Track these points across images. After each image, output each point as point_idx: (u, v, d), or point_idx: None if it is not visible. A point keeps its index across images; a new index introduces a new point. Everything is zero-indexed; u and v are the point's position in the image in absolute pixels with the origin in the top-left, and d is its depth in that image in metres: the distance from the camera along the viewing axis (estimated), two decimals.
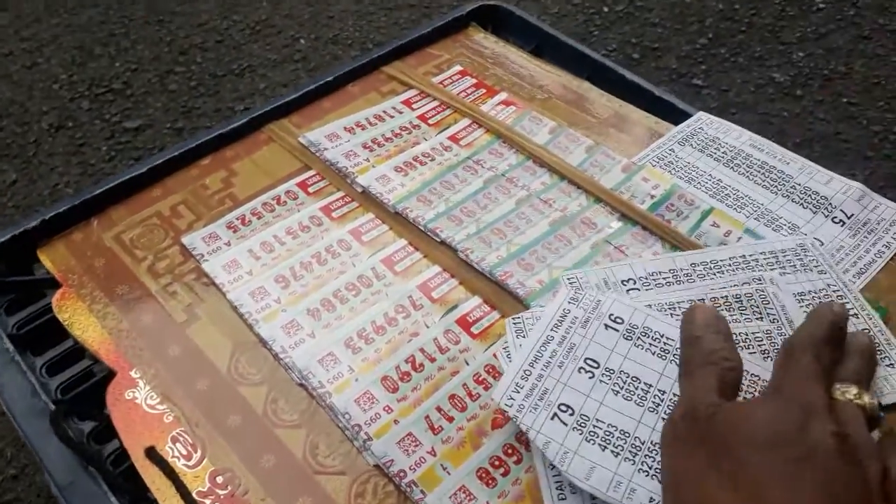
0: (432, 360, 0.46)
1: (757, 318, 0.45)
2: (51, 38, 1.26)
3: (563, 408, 0.40)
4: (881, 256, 0.50)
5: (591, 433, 0.39)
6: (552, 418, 0.40)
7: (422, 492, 0.40)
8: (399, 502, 0.41)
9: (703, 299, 0.46)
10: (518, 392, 0.41)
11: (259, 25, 1.34)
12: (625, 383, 0.41)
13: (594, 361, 0.42)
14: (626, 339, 0.43)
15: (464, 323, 0.49)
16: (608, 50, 1.25)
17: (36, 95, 1.16)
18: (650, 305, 0.45)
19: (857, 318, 0.46)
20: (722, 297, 0.46)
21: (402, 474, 0.41)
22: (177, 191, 0.59)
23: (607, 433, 0.39)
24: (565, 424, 0.40)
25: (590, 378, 0.41)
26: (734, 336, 0.39)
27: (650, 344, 0.43)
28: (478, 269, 0.51)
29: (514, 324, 0.46)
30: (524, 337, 0.44)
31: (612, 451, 0.39)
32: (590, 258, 0.51)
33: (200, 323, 0.50)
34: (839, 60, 1.23)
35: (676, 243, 0.52)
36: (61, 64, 1.22)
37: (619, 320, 0.44)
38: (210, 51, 1.29)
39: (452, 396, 0.45)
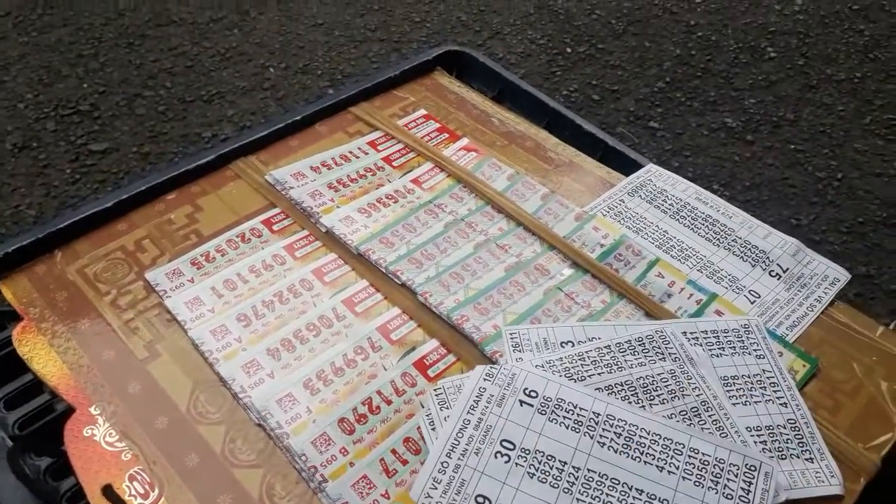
0: (389, 402, 0.48)
1: (660, 359, 0.48)
2: (18, 57, 1.25)
3: (481, 499, 0.41)
4: (813, 310, 0.54)
5: None
6: None
7: None
8: None
9: (608, 346, 0.49)
10: (435, 488, 0.42)
11: (229, 52, 1.35)
12: (540, 463, 0.43)
13: (510, 443, 0.43)
14: (540, 413, 0.45)
15: (421, 366, 0.50)
16: (570, 90, 1.29)
17: (0, 114, 1.16)
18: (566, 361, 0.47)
19: (787, 407, 0.47)
20: (626, 342, 0.49)
21: None
22: (141, 225, 0.60)
23: None
24: None
25: (506, 462, 0.43)
26: (641, 380, 0.40)
27: (564, 417, 0.44)
28: (436, 312, 0.53)
29: (437, 395, 0.47)
30: (448, 408, 0.46)
31: None
32: (542, 304, 0.54)
33: (161, 360, 0.51)
34: (788, 108, 1.29)
35: (623, 292, 0.54)
36: (27, 83, 1.21)
37: (533, 394, 0.45)
38: (179, 76, 1.30)
39: (407, 440, 0.46)
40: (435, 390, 0.47)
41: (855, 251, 1.03)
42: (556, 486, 0.42)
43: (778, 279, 0.56)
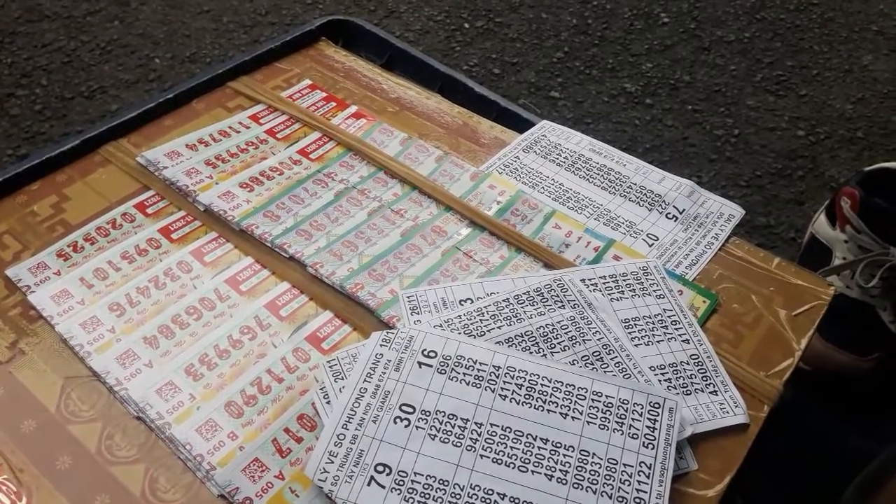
0: (280, 380, 0.45)
1: (559, 307, 0.46)
2: None
3: (380, 468, 0.39)
4: (710, 248, 0.54)
5: (410, 490, 0.38)
6: (369, 483, 0.38)
7: None
8: None
9: (507, 299, 0.47)
10: (332, 462, 0.39)
11: (110, 45, 1.28)
12: (441, 424, 0.40)
13: (409, 406, 0.41)
14: (440, 373, 0.43)
15: (314, 339, 0.47)
16: (469, 65, 1.27)
17: None
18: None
19: (689, 343, 0.47)
20: (524, 293, 0.47)
21: (247, 502, 0.39)
22: (1, 220, 0.55)
23: (426, 486, 0.38)
24: (383, 487, 0.38)
25: (405, 427, 0.40)
26: (541, 329, 0.39)
27: (464, 374, 0.42)
28: (328, 283, 0.50)
29: (331, 366, 0.44)
30: (343, 379, 0.43)
31: None
32: (440, 265, 0.52)
33: (26, 359, 0.46)
34: (684, 70, 1.31)
35: (521, 246, 0.53)
36: None
37: (432, 354, 0.43)
38: (56, 72, 1.22)
39: (301, 416, 0.43)
40: (328, 362, 0.44)
41: (755, 203, 1.06)
42: (458, 444, 0.40)
43: (675, 221, 0.55)
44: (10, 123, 1.12)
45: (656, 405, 0.41)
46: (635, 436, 0.40)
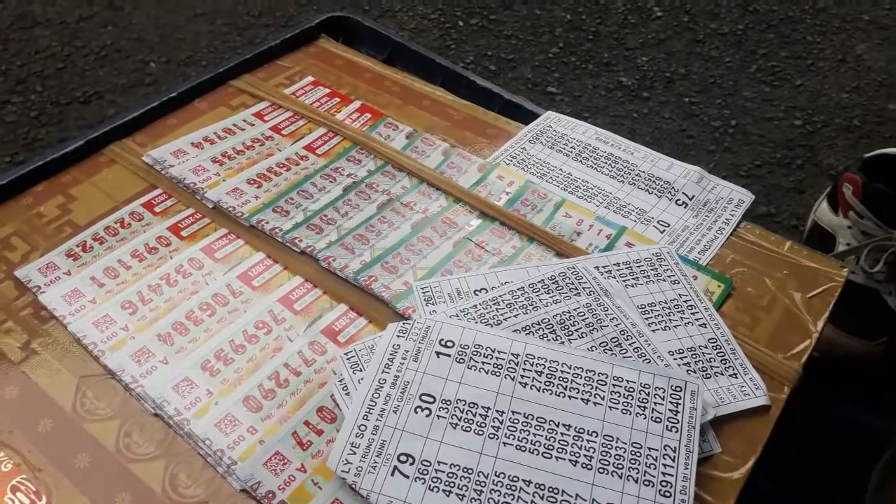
0: (297, 373, 0.45)
1: (575, 295, 0.46)
2: None
3: (403, 458, 0.39)
4: (722, 232, 0.54)
5: (434, 479, 0.38)
6: (392, 474, 0.38)
7: None
8: None
9: (522, 288, 0.47)
10: (354, 453, 0.39)
11: (105, 50, 1.27)
12: (462, 413, 0.40)
13: (429, 396, 0.41)
14: (458, 362, 0.42)
15: (330, 332, 0.47)
16: (466, 63, 1.27)
17: None
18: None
19: (706, 327, 0.47)
20: (539, 282, 0.47)
21: (270, 495, 0.39)
22: (7, 222, 0.54)
23: (450, 475, 0.38)
24: (406, 477, 0.38)
25: (427, 416, 0.40)
26: (557, 317, 0.38)
27: (482, 362, 0.42)
28: (341, 276, 0.50)
29: (349, 358, 0.44)
30: (361, 371, 0.43)
31: (458, 495, 0.37)
32: (452, 256, 0.51)
33: (39, 359, 0.46)
34: (679, 63, 1.31)
35: (533, 235, 0.52)
36: None
37: (449, 344, 0.43)
38: (51, 78, 1.21)
39: (321, 409, 0.43)
40: (346, 353, 0.44)
41: (755, 192, 1.06)
42: (480, 433, 0.39)
43: (685, 207, 0.55)
44: (7, 130, 1.11)
45: (678, 389, 0.41)
46: (658, 420, 0.40)
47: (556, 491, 0.37)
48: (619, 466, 0.38)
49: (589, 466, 0.38)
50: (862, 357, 0.75)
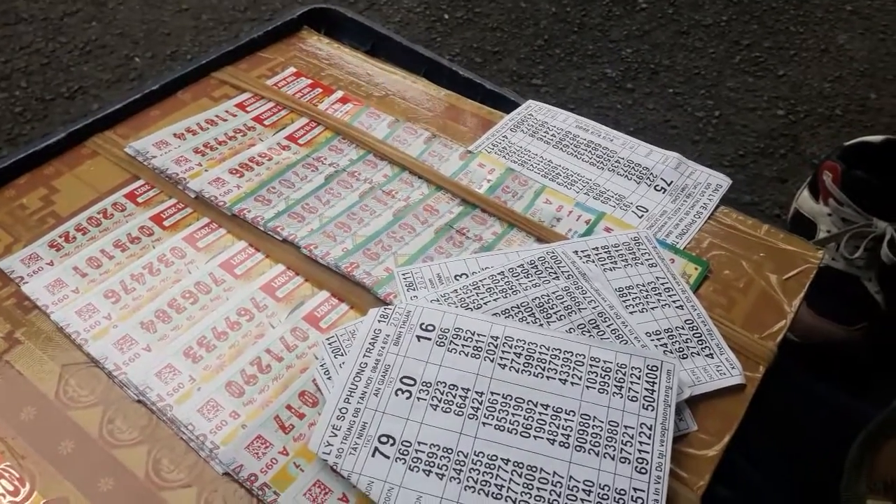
0: (279, 359, 0.45)
1: (554, 279, 0.47)
2: None
3: (384, 439, 0.39)
4: (700, 217, 0.54)
5: (415, 459, 0.39)
6: (373, 455, 0.39)
7: (275, 493, 0.39)
8: None
9: (502, 272, 0.48)
10: (335, 435, 0.39)
11: (89, 46, 1.27)
12: (442, 394, 0.41)
13: (410, 379, 0.42)
14: (438, 345, 0.43)
15: (312, 318, 0.48)
16: (451, 55, 1.27)
17: None
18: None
19: (683, 309, 0.47)
20: (518, 266, 0.48)
21: (252, 478, 0.39)
22: None
23: (430, 455, 0.39)
24: (387, 457, 0.39)
25: (407, 398, 0.41)
26: (536, 300, 0.39)
27: (462, 345, 0.43)
28: (323, 263, 0.51)
29: (330, 343, 0.44)
30: (342, 355, 0.43)
31: (437, 474, 0.38)
32: (433, 243, 0.52)
33: (22, 348, 0.46)
34: (663, 54, 1.32)
35: (514, 222, 0.53)
36: None
37: (430, 328, 0.44)
38: (35, 74, 1.21)
39: (303, 393, 0.43)
40: (328, 339, 0.45)
41: (739, 182, 1.07)
42: (460, 413, 0.40)
43: (663, 192, 0.56)
44: None
45: (654, 368, 0.42)
46: (634, 398, 0.40)
47: (534, 469, 0.38)
48: (596, 444, 0.39)
49: (566, 445, 0.39)
50: (842, 342, 0.76)
